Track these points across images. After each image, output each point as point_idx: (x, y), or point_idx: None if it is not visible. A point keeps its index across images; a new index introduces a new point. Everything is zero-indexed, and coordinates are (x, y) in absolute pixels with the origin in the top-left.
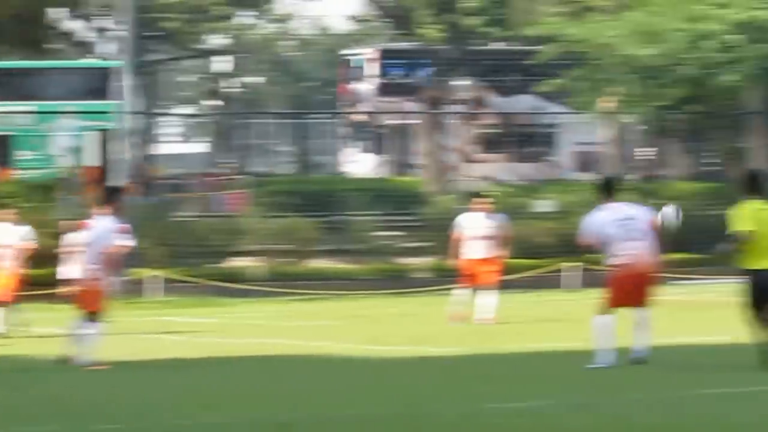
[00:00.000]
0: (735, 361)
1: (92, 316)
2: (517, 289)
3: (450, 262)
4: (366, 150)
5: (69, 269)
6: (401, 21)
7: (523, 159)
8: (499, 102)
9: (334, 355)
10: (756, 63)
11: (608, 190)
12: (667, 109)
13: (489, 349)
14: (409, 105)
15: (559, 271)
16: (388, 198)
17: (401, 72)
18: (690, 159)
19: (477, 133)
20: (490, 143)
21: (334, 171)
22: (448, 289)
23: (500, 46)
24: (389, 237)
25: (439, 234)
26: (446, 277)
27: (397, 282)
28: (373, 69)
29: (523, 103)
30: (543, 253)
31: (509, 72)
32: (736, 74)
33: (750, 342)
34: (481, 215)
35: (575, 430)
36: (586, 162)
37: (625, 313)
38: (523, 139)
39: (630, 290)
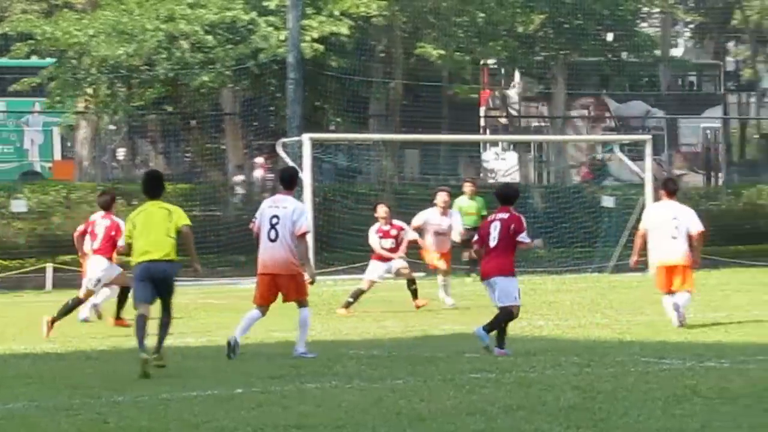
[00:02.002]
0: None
1: None
2: None
3: None
4: None
5: None
6: None
7: None
8: None
9: None
10: (230, 64)
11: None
12: (143, 110)
13: None
14: None
15: (34, 272)
16: None
17: None
18: (166, 160)
19: None
20: None
21: None
22: None
23: None
24: None
25: None
26: None
27: None
28: None
29: None
30: (18, 254)
31: None
32: (210, 75)
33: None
34: None
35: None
36: None
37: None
38: None
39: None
